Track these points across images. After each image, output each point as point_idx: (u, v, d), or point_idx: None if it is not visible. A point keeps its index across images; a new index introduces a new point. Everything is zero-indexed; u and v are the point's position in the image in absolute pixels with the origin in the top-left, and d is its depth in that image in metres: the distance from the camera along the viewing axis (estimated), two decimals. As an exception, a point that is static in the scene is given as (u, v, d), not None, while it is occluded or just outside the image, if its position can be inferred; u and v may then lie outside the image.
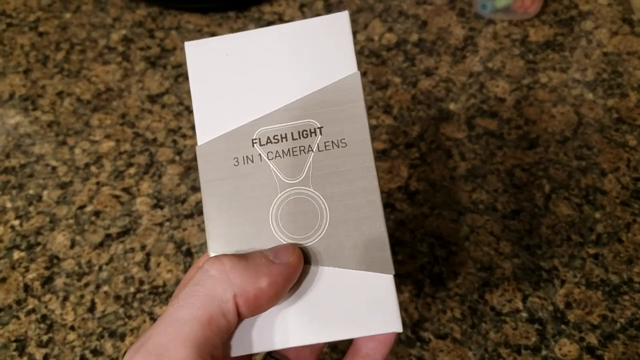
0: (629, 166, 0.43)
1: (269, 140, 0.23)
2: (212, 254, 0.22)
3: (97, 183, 0.46)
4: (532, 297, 0.37)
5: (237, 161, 0.23)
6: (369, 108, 0.48)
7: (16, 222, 0.44)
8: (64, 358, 0.38)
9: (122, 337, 0.38)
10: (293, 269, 0.21)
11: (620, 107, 0.46)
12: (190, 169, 0.46)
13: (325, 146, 0.23)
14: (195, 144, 0.47)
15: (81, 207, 0.45)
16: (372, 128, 0.47)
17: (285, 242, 0.22)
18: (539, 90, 0.48)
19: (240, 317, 0.20)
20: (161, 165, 0.47)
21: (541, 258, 0.39)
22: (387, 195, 0.43)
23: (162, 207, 0.44)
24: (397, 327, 0.21)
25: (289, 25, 0.24)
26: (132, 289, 0.40)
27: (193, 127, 0.48)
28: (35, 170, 0.47)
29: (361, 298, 0.22)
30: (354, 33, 0.53)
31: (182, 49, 0.54)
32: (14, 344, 0.39)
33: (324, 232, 0.22)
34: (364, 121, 0.23)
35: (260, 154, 0.23)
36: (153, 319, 0.39)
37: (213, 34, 0.55)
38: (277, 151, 0.23)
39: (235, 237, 0.22)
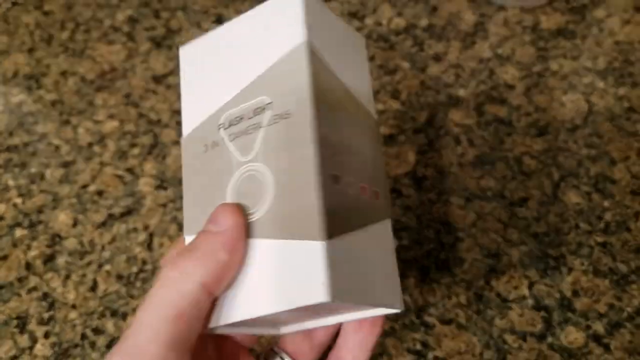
0: (639, 155, 0.42)
1: (230, 123, 0.23)
2: (186, 237, 0.23)
3: (101, 163, 0.46)
4: (539, 284, 0.37)
5: (206, 147, 0.24)
6: (376, 93, 0.47)
7: (18, 200, 0.44)
8: (65, 336, 0.38)
9: (124, 317, 0.38)
10: (239, 227, 0.21)
11: (631, 96, 0.46)
12: (194, 150, 0.46)
13: (274, 120, 0.22)
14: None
15: (84, 187, 0.44)
16: (380, 113, 0.46)
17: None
18: (550, 78, 0.47)
19: (215, 297, 0.21)
20: (165, 146, 0.46)
21: (549, 246, 0.38)
22: (394, 181, 0.43)
23: (165, 188, 0.44)
24: (322, 296, 0.19)
25: (250, 12, 0.24)
26: (134, 269, 0.40)
27: (198, 109, 0.48)
28: (38, 149, 0.47)
29: (292, 269, 0.20)
30: (362, 17, 0.53)
31: (188, 29, 0.54)
32: (15, 321, 0.38)
33: (268, 204, 0.21)
34: (306, 90, 0.21)
35: (223, 138, 0.23)
36: (155, 299, 0.39)
37: (219, 16, 0.54)
38: (236, 132, 0.23)
39: (204, 219, 0.22)
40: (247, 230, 0.21)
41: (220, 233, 0.21)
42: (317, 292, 0.19)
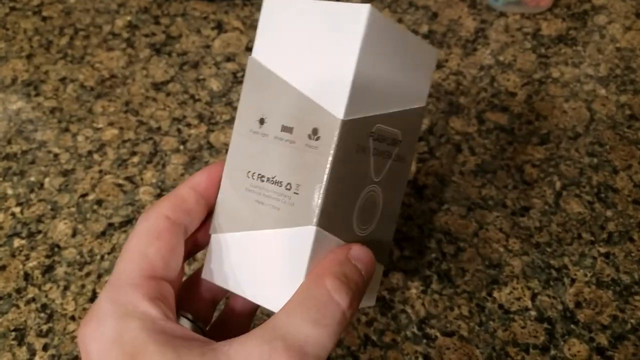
0: (641, 164, 0.42)
1: (378, 138, 0.24)
2: (315, 227, 0.22)
3: (100, 171, 0.45)
4: (542, 295, 0.37)
5: (357, 148, 0.23)
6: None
7: (17, 210, 0.44)
8: (64, 348, 0.37)
9: (124, 328, 0.38)
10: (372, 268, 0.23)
11: (633, 104, 0.45)
12: (194, 158, 0.45)
13: (396, 157, 0.25)
14: (200, 134, 0.47)
15: (83, 196, 0.44)
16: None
17: (358, 236, 0.25)
18: (551, 85, 0.47)
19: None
20: (165, 154, 0.46)
21: (551, 256, 0.38)
22: (395, 189, 0.42)
23: (165, 197, 0.43)
24: (373, 302, 0.27)
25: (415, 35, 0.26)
26: (134, 280, 0.40)
27: (198, 116, 0.48)
28: (37, 157, 0.46)
29: None
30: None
31: (188, 36, 0.53)
32: (13, 333, 0.38)
33: (374, 227, 0.25)
34: (415, 146, 0.27)
35: (370, 148, 0.24)
36: (155, 310, 0.38)
37: (219, 22, 0.54)
38: (377, 149, 0.24)
39: (338, 216, 0.23)
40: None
41: (365, 278, 0.23)
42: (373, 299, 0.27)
